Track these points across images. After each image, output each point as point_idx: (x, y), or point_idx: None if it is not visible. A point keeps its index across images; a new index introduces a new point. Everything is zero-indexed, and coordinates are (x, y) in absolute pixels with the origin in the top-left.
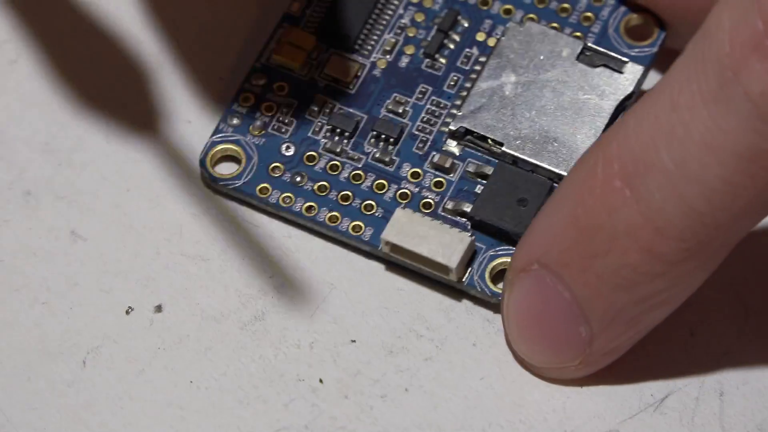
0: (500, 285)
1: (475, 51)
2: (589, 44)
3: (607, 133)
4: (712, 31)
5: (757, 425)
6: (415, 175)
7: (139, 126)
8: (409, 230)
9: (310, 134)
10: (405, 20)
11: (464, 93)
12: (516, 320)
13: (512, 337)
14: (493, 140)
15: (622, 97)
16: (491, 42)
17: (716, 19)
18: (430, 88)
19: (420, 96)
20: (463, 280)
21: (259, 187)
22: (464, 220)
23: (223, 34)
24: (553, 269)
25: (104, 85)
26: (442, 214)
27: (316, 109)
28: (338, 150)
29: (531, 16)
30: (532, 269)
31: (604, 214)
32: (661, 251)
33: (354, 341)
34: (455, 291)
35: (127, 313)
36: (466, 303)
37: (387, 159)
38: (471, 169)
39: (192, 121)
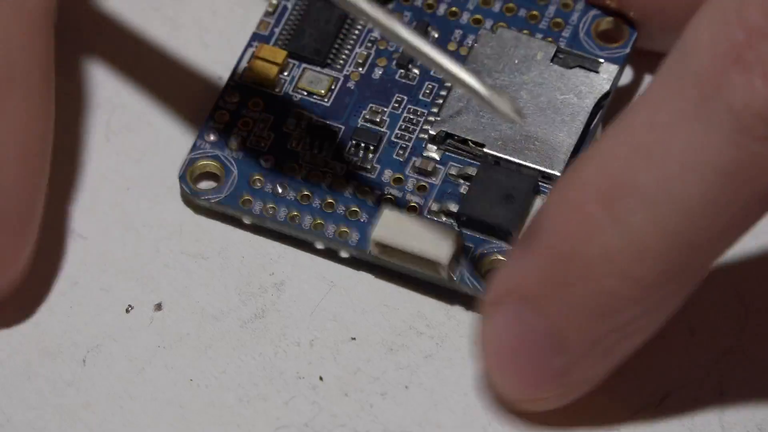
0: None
1: None
2: (562, 47)
3: (582, 157)
4: (690, 46)
5: (757, 425)
6: (397, 180)
7: (139, 125)
8: (398, 229)
9: (288, 147)
10: (375, 34)
11: (440, 100)
12: (491, 353)
13: (488, 369)
14: (473, 142)
15: (599, 95)
16: (463, 51)
17: (694, 33)
18: (406, 97)
19: (396, 105)
20: (455, 278)
21: (241, 200)
22: (451, 220)
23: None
24: (529, 301)
25: (104, 84)
26: (429, 216)
27: (293, 121)
28: (318, 160)
29: (501, 24)
30: (507, 301)
31: (579, 240)
32: (640, 275)
33: (354, 339)
34: (449, 290)
35: (127, 311)
36: (465, 301)
37: (368, 166)
38: (453, 171)
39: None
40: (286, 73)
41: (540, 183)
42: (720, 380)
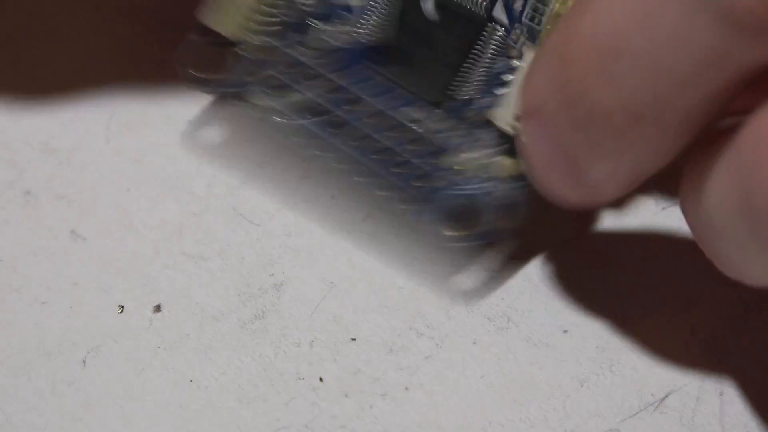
0: None
1: None
2: None
3: (579, 6)
4: None
5: (757, 425)
6: None
7: (139, 125)
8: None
9: None
10: None
11: None
12: (530, 160)
13: (535, 178)
14: None
15: None
16: None
17: None
18: None
19: None
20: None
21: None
22: None
23: None
24: (551, 122)
25: (104, 84)
26: None
27: None
28: None
29: None
30: (534, 114)
31: (582, 90)
32: (636, 130)
33: (354, 339)
34: (455, 288)
35: (120, 312)
36: (466, 301)
37: None
38: None
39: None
40: None
41: None
42: (720, 380)
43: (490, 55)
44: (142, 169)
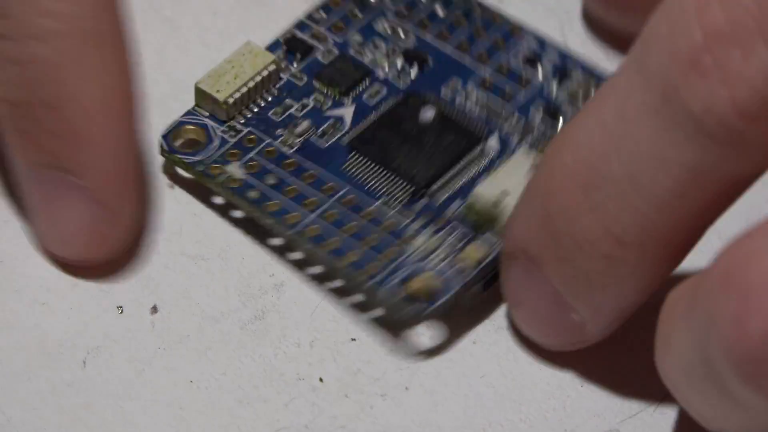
0: None
1: None
2: None
3: (562, 134)
4: (651, 40)
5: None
6: None
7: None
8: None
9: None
10: None
11: None
12: (514, 304)
13: (515, 320)
14: None
15: None
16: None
17: (655, 26)
18: None
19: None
20: None
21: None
22: None
23: None
24: (537, 263)
25: None
26: None
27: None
28: None
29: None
30: (518, 258)
31: (566, 221)
32: (624, 257)
33: (354, 340)
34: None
35: (120, 312)
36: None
37: None
38: None
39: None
40: None
41: None
42: None
43: (473, 171)
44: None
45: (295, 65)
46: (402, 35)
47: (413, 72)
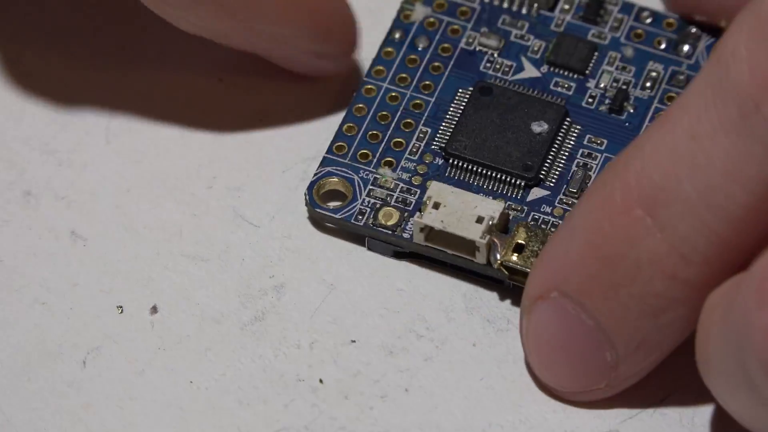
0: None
1: None
2: None
3: (622, 157)
4: (729, 59)
5: None
6: None
7: (139, 125)
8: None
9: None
10: None
11: None
12: (537, 348)
13: (534, 364)
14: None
15: None
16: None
17: (732, 46)
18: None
19: None
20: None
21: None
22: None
23: None
24: (574, 298)
25: (104, 84)
26: None
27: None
28: None
29: None
30: (550, 297)
31: (626, 243)
32: (687, 277)
33: (354, 341)
34: (454, 291)
35: (120, 312)
36: (466, 303)
37: None
38: None
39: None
40: None
41: None
42: None
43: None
44: (142, 170)
45: None
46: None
47: None
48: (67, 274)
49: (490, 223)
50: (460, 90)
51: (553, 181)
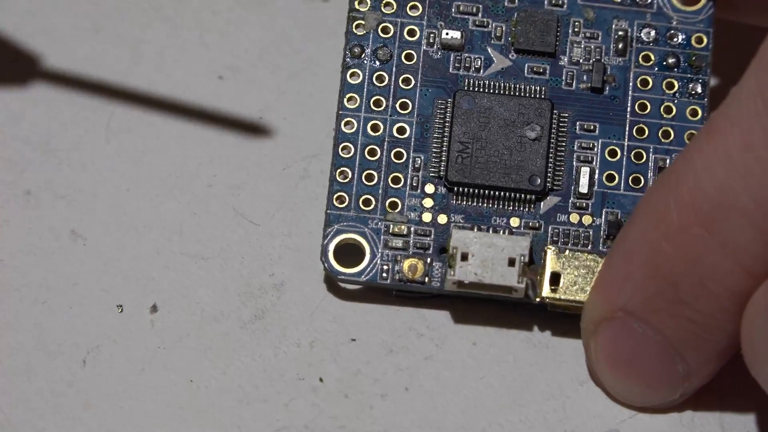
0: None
1: None
2: None
3: (672, 174)
4: None
5: (757, 426)
6: None
7: (139, 125)
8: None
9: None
10: None
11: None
12: (608, 366)
13: (607, 382)
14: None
15: None
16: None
17: None
18: None
19: None
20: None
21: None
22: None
23: None
24: (641, 316)
25: (104, 84)
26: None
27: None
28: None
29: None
30: (616, 317)
31: (687, 262)
32: (751, 290)
33: (354, 340)
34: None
35: (120, 312)
36: (466, 302)
37: None
38: None
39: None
40: None
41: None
42: (720, 380)
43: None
44: (142, 168)
45: None
46: None
47: None
48: (67, 273)
49: (523, 262)
50: (439, 101)
51: (561, 185)
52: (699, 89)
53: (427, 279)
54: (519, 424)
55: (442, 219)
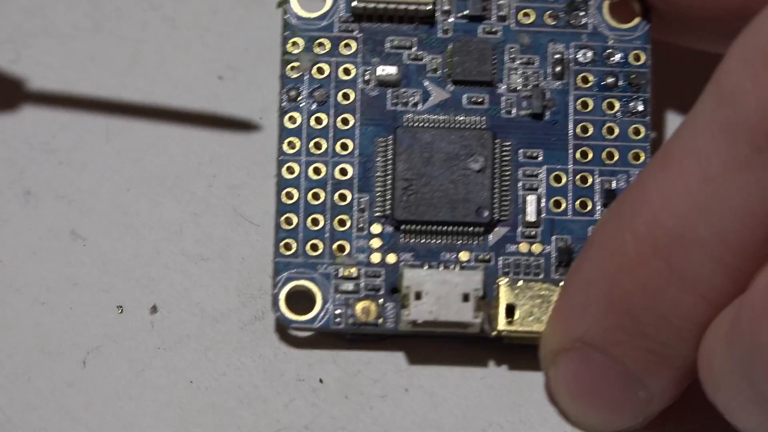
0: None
1: None
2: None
3: (626, 205)
4: (734, 94)
5: None
6: None
7: (139, 125)
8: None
9: None
10: None
11: None
12: (569, 396)
13: (568, 411)
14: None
15: None
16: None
17: (735, 80)
18: None
19: None
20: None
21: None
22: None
23: None
24: (600, 347)
25: (104, 84)
26: None
27: None
28: None
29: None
30: (575, 347)
31: (647, 295)
32: (713, 318)
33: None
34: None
35: (120, 312)
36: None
37: None
38: None
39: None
40: None
41: None
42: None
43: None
44: (142, 168)
45: None
46: None
47: None
48: (67, 273)
49: (477, 297)
50: (380, 139)
51: (508, 215)
52: (640, 107)
53: (381, 320)
54: (519, 425)
55: (392, 258)
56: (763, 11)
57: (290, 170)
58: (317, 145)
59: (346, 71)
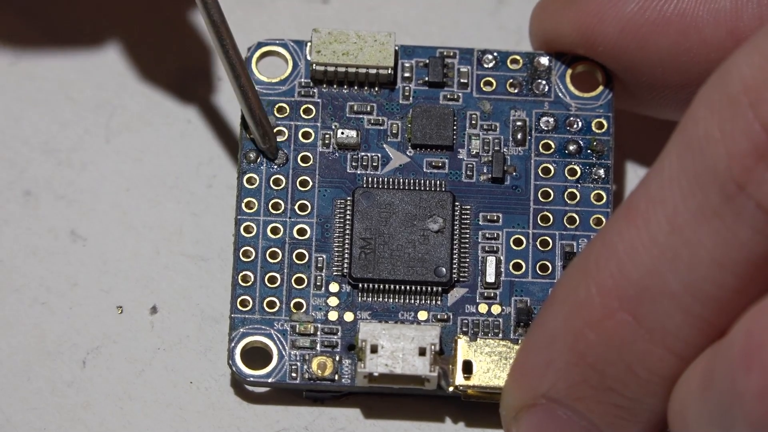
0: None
1: None
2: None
3: (591, 258)
4: (702, 143)
5: None
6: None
7: (139, 125)
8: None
9: None
10: None
11: None
12: None
13: None
14: None
15: None
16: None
17: (704, 129)
18: None
19: None
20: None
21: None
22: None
23: None
24: (565, 403)
25: (104, 84)
26: None
27: None
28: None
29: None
30: (539, 404)
31: (613, 350)
32: (681, 371)
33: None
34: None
35: (120, 312)
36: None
37: None
38: None
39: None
40: None
41: None
42: None
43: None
44: (141, 169)
45: None
46: None
47: None
48: (67, 273)
49: (434, 351)
50: (338, 200)
51: (467, 276)
52: (602, 173)
53: (337, 376)
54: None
55: (349, 317)
56: (727, 59)
57: (248, 230)
58: (275, 206)
59: (306, 135)
